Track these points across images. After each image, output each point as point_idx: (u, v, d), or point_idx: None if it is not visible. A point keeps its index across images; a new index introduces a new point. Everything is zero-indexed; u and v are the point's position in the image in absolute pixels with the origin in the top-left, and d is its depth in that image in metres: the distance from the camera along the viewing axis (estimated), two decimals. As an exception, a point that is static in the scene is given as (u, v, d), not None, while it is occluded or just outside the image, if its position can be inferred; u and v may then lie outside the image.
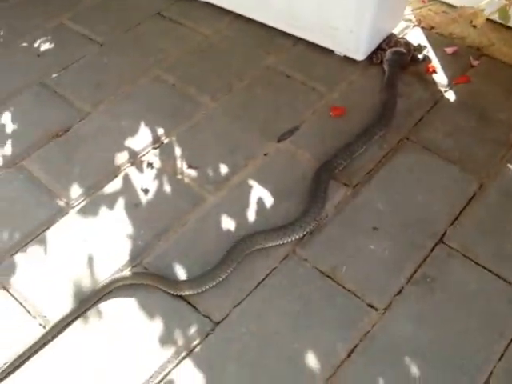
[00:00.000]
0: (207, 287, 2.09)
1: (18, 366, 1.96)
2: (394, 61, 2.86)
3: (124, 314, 2.07)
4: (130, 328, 2.03)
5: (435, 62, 2.92)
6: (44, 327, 2.04)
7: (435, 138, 2.57)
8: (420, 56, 2.92)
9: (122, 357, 1.96)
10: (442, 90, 2.79)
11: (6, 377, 1.94)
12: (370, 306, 2.06)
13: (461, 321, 2.01)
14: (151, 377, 1.91)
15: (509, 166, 2.47)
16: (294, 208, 2.33)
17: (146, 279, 2.13)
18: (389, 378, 1.89)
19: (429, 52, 2.96)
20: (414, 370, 1.91)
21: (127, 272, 2.16)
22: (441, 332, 1.99)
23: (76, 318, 2.06)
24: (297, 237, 2.22)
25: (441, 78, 2.85)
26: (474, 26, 2.97)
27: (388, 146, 2.56)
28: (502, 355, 1.94)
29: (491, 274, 2.13)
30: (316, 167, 2.44)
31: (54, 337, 2.02)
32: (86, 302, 2.08)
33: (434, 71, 2.87)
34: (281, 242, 2.21)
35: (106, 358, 1.96)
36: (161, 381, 1.91)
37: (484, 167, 2.46)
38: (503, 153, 2.52)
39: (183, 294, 2.08)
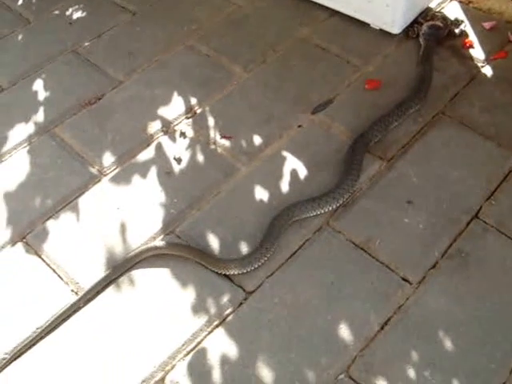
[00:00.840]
0: (253, 267, 2.07)
1: (50, 332, 1.97)
2: (430, 35, 2.81)
3: (157, 282, 2.07)
4: (162, 296, 2.03)
5: (472, 37, 2.86)
6: (76, 293, 2.05)
7: (471, 114, 2.53)
8: (457, 30, 2.86)
9: (155, 324, 1.96)
10: (479, 65, 2.74)
11: (38, 342, 1.95)
12: (404, 279, 2.04)
13: (495, 296, 1.99)
14: (183, 344, 1.91)
15: (546, 142, 2.42)
16: (328, 180, 2.31)
17: (188, 253, 2.11)
18: (422, 351, 1.88)
19: (466, 26, 2.90)
20: (448, 344, 1.89)
21: (167, 241, 2.15)
22: (475, 307, 1.97)
23: (108, 285, 2.07)
24: (333, 207, 2.21)
25: (478, 53, 2.80)
26: (513, 0, 2.92)
27: (423, 120, 2.52)
28: (539, 331, 1.91)
29: (527, 250, 2.10)
30: (351, 139, 2.42)
31: (85, 303, 2.03)
32: (120, 267, 2.08)
33: (471, 46, 2.82)
34: (317, 213, 2.19)
35: (137, 325, 1.97)
36: (193, 349, 1.91)
37: (521, 144, 2.42)
38: (540, 129, 2.47)
39: (229, 273, 2.06)
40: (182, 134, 2.50)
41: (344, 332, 1.92)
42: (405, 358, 1.87)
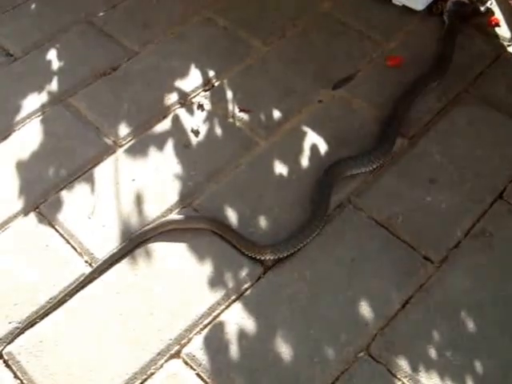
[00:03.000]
0: (289, 253, 2.01)
1: (63, 302, 1.93)
2: (454, 12, 2.74)
3: (173, 254, 2.03)
4: (179, 269, 1.99)
5: (498, 15, 2.79)
6: (90, 265, 2.01)
7: (496, 93, 2.47)
8: (482, 8, 2.79)
9: (171, 297, 1.92)
10: (505, 44, 2.67)
11: (51, 312, 1.91)
12: (426, 258, 1.99)
13: (519, 277, 1.94)
14: (200, 318, 1.87)
15: None
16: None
17: (224, 231, 2.06)
18: (444, 331, 1.83)
19: (492, 4, 2.83)
20: (470, 325, 1.85)
21: (200, 215, 2.10)
22: (498, 288, 1.92)
23: (124, 256, 2.02)
24: (374, 166, 2.21)
25: (504, 31, 2.72)
26: (542, -22, 2.85)
27: (446, 98, 2.46)
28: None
29: (552, 232, 2.05)
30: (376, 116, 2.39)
31: (100, 274, 1.99)
32: (136, 238, 2.03)
33: (497, 24, 2.75)
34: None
35: (154, 297, 1.93)
36: (210, 322, 1.87)
37: (547, 122, 2.36)
38: None
39: (264, 258, 2.00)
40: (200, 107, 2.44)
41: (364, 309, 1.88)
42: (426, 337, 1.83)
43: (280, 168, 2.24)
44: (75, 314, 1.91)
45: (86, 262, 2.02)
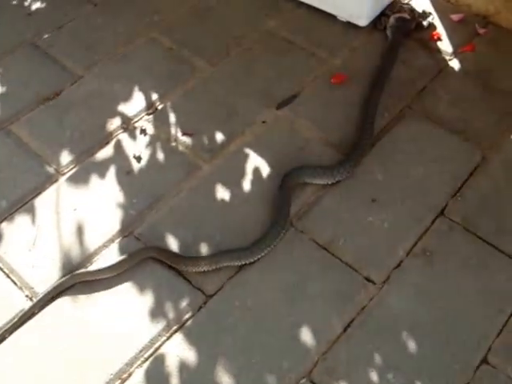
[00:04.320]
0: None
1: (2, 340, 1.90)
2: (397, 27, 2.76)
3: (114, 285, 2.01)
4: (119, 300, 1.98)
5: (440, 30, 2.82)
6: (31, 299, 1.99)
7: (438, 108, 2.49)
8: (425, 23, 2.82)
9: (112, 330, 1.91)
10: (447, 58, 2.70)
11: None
12: (368, 279, 2.01)
13: (460, 296, 1.96)
14: (141, 351, 1.86)
15: (513, 137, 2.39)
16: (292, 178, 2.26)
17: (158, 253, 2.07)
18: (386, 353, 1.85)
19: (434, 19, 2.86)
20: (412, 346, 1.86)
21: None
22: (440, 307, 1.94)
23: (64, 290, 2.00)
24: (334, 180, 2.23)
25: (446, 45, 2.75)
26: (481, -7, 2.88)
27: (389, 114, 2.48)
28: (501, 331, 1.90)
29: (493, 248, 2.08)
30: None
31: (40, 309, 1.97)
32: (76, 277, 2.02)
33: (439, 39, 2.78)
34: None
35: (94, 331, 1.91)
36: (151, 354, 1.86)
37: (488, 138, 2.39)
38: (508, 124, 2.44)
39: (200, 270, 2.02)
40: (143, 131, 2.43)
41: (306, 335, 1.88)
42: (368, 360, 1.84)
43: (222, 192, 2.23)
44: (14, 351, 1.88)
45: (27, 296, 1.99)
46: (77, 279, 2.01)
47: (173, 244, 2.10)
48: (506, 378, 1.80)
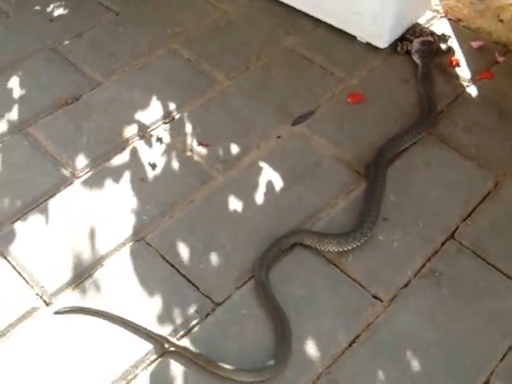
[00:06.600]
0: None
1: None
2: (424, 51, 2.75)
3: (122, 287, 2.03)
4: (127, 303, 1.99)
5: (459, 56, 2.83)
6: (41, 297, 2.00)
7: (454, 133, 2.50)
8: (444, 46, 2.82)
9: (119, 331, 1.92)
10: (465, 84, 2.71)
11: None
12: (375, 297, 2.01)
13: (466, 318, 1.96)
14: (147, 354, 1.87)
15: (526, 165, 2.40)
16: (305, 194, 2.28)
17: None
18: (389, 371, 1.84)
19: (453, 43, 2.88)
20: (416, 365, 1.86)
21: None
22: (445, 328, 1.94)
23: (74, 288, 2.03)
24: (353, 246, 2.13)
25: (464, 72, 2.77)
26: (502, 21, 2.90)
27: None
28: (505, 355, 1.88)
29: (501, 273, 2.07)
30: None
31: (47, 305, 1.99)
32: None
33: (458, 64, 2.79)
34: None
35: (99, 332, 1.93)
36: (157, 358, 1.86)
37: (501, 165, 2.39)
38: (521, 152, 2.45)
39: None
40: (159, 140, 2.45)
41: (311, 348, 1.88)
42: (371, 377, 1.83)
43: (235, 204, 2.25)
44: (18, 347, 1.90)
45: (37, 294, 2.01)
46: None
47: (184, 251, 2.11)
48: (507, 403, 1.80)
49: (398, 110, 2.59)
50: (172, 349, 1.88)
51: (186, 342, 1.89)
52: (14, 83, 2.70)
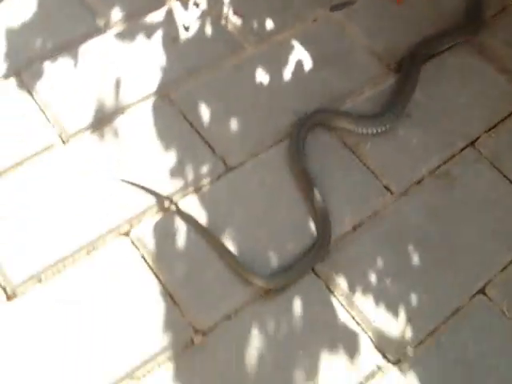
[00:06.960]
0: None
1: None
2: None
3: (139, 138, 2.06)
4: (142, 154, 2.02)
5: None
6: (60, 136, 2.04)
7: (493, 45, 2.43)
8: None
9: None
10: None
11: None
12: (386, 188, 2.02)
13: (473, 225, 1.97)
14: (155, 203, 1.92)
15: (561, 86, 2.36)
16: (333, 78, 2.25)
17: None
18: (388, 260, 1.87)
19: None
20: (415, 259, 1.88)
21: None
22: (451, 230, 1.95)
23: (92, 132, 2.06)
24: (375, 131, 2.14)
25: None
26: None
27: (442, 43, 2.44)
28: (505, 267, 1.90)
29: (515, 188, 2.07)
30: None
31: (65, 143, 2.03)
32: None
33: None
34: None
35: (115, 158, 1.99)
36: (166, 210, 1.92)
37: (535, 83, 2.35)
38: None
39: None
40: (196, 4, 2.42)
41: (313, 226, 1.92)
42: (369, 262, 1.87)
43: (262, 76, 2.24)
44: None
45: (56, 132, 2.05)
46: None
47: (205, 113, 2.12)
48: (500, 311, 1.82)
49: (440, 12, 2.52)
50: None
51: (193, 200, 1.93)
52: None
